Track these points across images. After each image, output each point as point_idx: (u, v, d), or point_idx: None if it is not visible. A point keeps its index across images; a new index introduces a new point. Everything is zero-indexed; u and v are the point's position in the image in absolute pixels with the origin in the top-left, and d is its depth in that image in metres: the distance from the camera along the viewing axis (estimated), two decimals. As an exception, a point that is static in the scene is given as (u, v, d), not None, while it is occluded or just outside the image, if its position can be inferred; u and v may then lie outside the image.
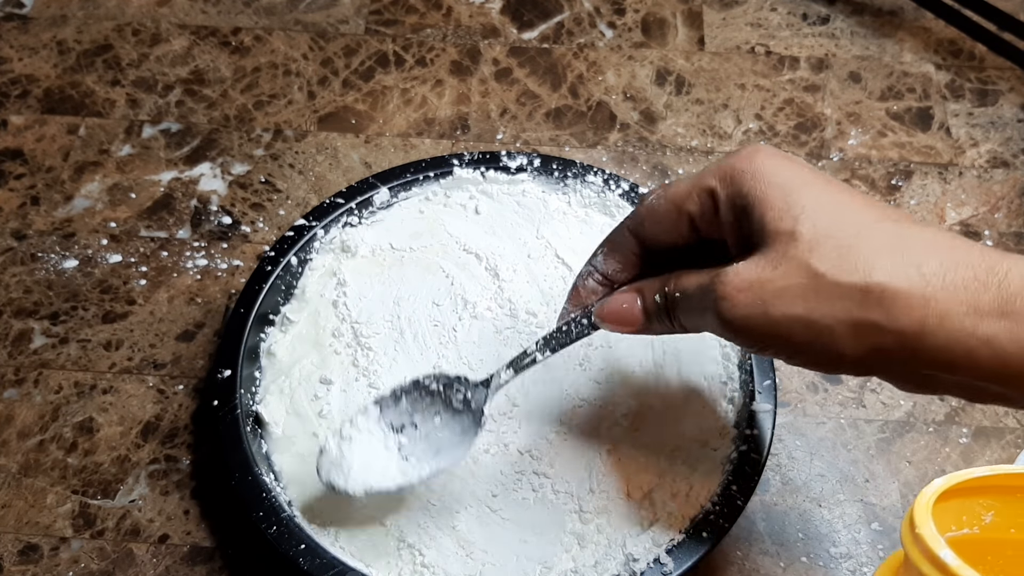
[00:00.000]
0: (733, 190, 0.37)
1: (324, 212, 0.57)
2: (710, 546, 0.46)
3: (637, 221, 0.41)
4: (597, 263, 0.42)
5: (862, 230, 0.34)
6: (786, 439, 0.53)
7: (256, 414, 0.51)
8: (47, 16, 0.72)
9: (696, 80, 0.69)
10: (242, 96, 0.68)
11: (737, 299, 0.35)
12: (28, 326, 0.57)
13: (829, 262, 0.34)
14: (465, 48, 0.71)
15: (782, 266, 0.35)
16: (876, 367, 0.35)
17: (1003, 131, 0.67)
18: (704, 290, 0.37)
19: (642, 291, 0.41)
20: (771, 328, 0.35)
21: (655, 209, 0.40)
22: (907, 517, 0.33)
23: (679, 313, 0.39)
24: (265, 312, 0.54)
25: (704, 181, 0.38)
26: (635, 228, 0.41)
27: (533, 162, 0.59)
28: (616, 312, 0.41)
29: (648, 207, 0.40)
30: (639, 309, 0.40)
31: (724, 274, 0.36)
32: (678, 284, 0.39)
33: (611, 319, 0.41)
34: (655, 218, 0.40)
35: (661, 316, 0.40)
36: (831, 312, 0.34)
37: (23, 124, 0.66)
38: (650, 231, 0.40)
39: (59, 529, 0.50)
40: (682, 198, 0.38)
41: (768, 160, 0.37)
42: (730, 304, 0.35)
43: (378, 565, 0.46)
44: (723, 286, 0.36)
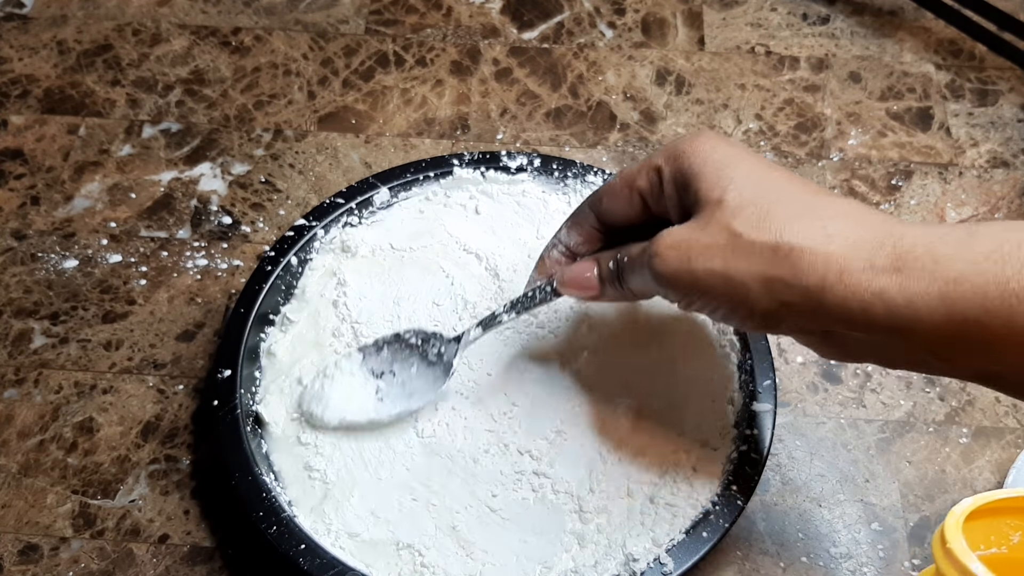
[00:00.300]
0: (675, 167, 0.41)
1: (324, 212, 0.57)
2: (710, 546, 0.46)
3: (596, 198, 0.45)
4: (561, 236, 0.47)
5: (781, 198, 0.38)
6: (786, 439, 0.53)
7: (256, 414, 0.51)
8: (47, 16, 0.72)
9: (696, 80, 0.69)
10: (242, 96, 0.68)
11: (667, 255, 0.39)
12: (28, 326, 0.57)
13: (748, 224, 0.38)
14: (465, 48, 0.71)
15: (708, 228, 0.39)
16: (785, 321, 0.38)
17: (1003, 131, 0.67)
18: (643, 252, 0.41)
19: (598, 260, 0.45)
20: (694, 282, 0.39)
21: (611, 187, 0.44)
22: (938, 533, 0.34)
23: (626, 276, 0.43)
24: (265, 312, 0.54)
25: (653, 161, 0.42)
26: (594, 205, 0.45)
27: (533, 162, 0.59)
28: (575, 279, 0.45)
29: (607, 186, 0.45)
30: (595, 276, 0.45)
31: (659, 236, 0.40)
32: (626, 251, 0.43)
33: (571, 284, 0.45)
34: (611, 195, 0.44)
35: (612, 282, 0.44)
36: (746, 268, 0.37)
37: (23, 124, 0.66)
38: (606, 207, 0.45)
39: (59, 529, 0.50)
40: (633, 176, 0.43)
41: (708, 142, 0.41)
42: (661, 260, 0.40)
43: (378, 565, 0.46)
44: (656, 244, 0.40)
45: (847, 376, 0.56)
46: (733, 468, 0.48)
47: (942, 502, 0.51)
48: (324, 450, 0.49)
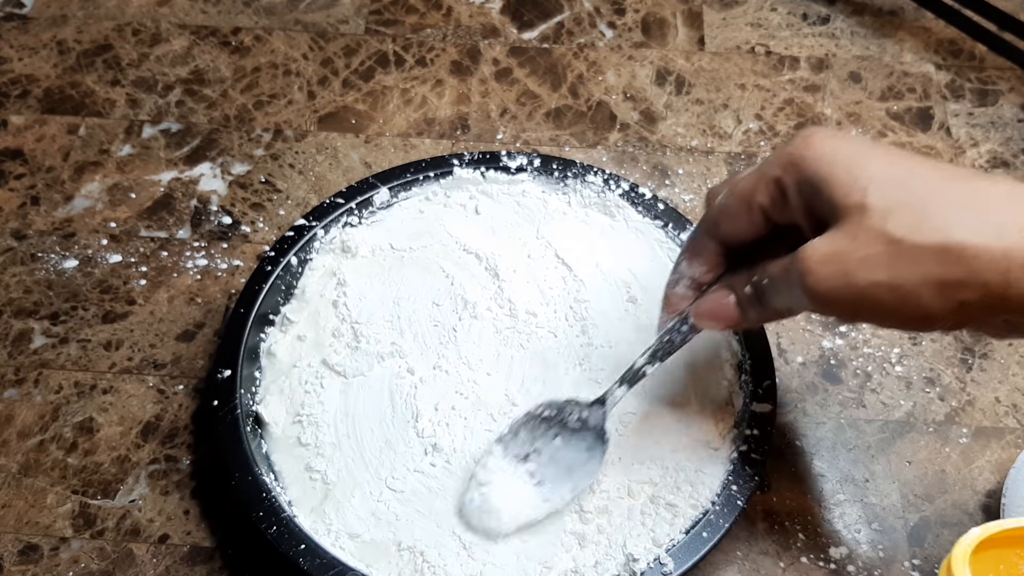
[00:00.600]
0: (798, 176, 0.38)
1: (324, 212, 0.57)
2: (710, 546, 0.46)
3: (711, 223, 0.42)
4: (683, 269, 0.44)
5: (933, 192, 0.36)
6: (786, 439, 0.53)
7: (256, 414, 0.51)
8: (47, 16, 0.72)
9: (696, 80, 0.69)
10: (242, 96, 0.68)
11: (821, 272, 0.37)
12: (28, 326, 0.57)
13: (905, 227, 0.35)
14: (465, 48, 0.71)
15: (860, 237, 0.36)
16: (964, 321, 0.37)
17: (1003, 131, 0.67)
18: (788, 270, 0.38)
19: (732, 286, 0.42)
20: (858, 296, 0.36)
21: (726, 208, 0.41)
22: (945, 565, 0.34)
23: (769, 298, 0.40)
24: (265, 312, 0.54)
25: (769, 172, 0.39)
26: (710, 230, 0.42)
27: (533, 162, 0.59)
28: (711, 310, 0.43)
29: (719, 208, 0.42)
30: (732, 303, 0.42)
31: (804, 251, 0.37)
32: (764, 272, 0.40)
33: (709, 316, 0.43)
34: (728, 217, 0.41)
35: (754, 305, 0.41)
36: (915, 275, 0.35)
37: (23, 124, 0.66)
38: (725, 230, 0.42)
39: (59, 529, 0.50)
40: (750, 192, 0.40)
41: (825, 141, 0.38)
42: (814, 278, 0.37)
43: (378, 565, 0.46)
44: (805, 261, 0.37)
45: (847, 376, 0.56)
46: (733, 468, 0.48)
47: (942, 502, 0.51)
48: (325, 451, 0.49)
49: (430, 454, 0.49)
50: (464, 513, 0.47)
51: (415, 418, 0.50)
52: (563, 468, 0.48)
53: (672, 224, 0.57)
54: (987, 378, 0.56)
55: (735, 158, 0.65)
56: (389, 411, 0.50)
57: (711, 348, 0.53)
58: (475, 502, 0.47)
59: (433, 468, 0.49)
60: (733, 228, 0.42)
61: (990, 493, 0.52)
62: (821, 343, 0.57)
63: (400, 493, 0.48)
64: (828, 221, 0.38)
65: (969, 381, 0.56)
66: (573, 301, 0.54)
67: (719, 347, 0.53)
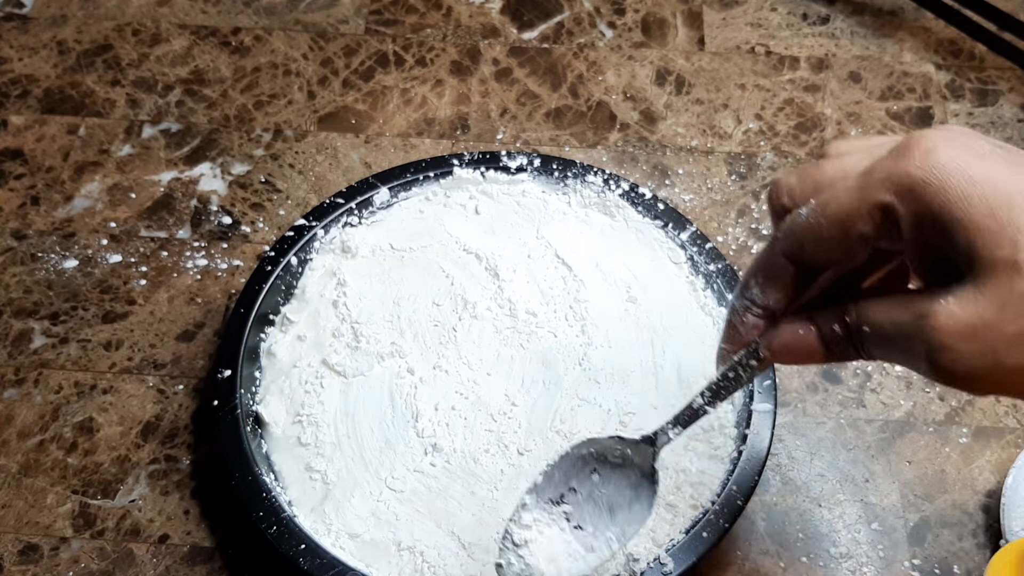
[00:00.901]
0: (919, 208, 0.30)
1: (324, 212, 0.57)
2: (710, 546, 0.46)
3: (795, 245, 0.35)
4: (754, 296, 0.37)
5: None
6: (786, 439, 0.53)
7: (256, 414, 0.51)
8: (47, 16, 0.72)
9: (696, 80, 0.69)
10: (242, 96, 0.68)
11: (961, 349, 0.30)
12: (28, 326, 0.57)
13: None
14: (465, 48, 0.71)
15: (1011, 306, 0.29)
16: None
17: (1003, 131, 0.67)
18: (908, 331, 0.32)
19: (815, 321, 0.35)
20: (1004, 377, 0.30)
21: (816, 231, 0.34)
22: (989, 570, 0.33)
23: (870, 348, 0.34)
24: (265, 312, 0.54)
25: (875, 196, 0.31)
26: (792, 252, 0.35)
27: (533, 162, 0.59)
28: (789, 346, 0.36)
29: (806, 228, 0.34)
30: (816, 341, 0.35)
31: (935, 316, 0.30)
32: (865, 316, 0.33)
33: (787, 353, 0.37)
34: (817, 241, 0.34)
35: (844, 347, 0.35)
36: None
37: (23, 124, 0.66)
38: (812, 254, 0.34)
39: (59, 529, 0.50)
40: (850, 218, 0.32)
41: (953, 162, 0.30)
42: (952, 356, 0.30)
43: (378, 565, 0.46)
44: (939, 333, 0.30)
45: (847, 376, 0.56)
46: (733, 468, 0.48)
47: (942, 502, 0.51)
48: (325, 451, 0.49)
49: (430, 454, 0.49)
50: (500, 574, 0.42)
51: (415, 418, 0.50)
52: (603, 508, 0.42)
53: (672, 224, 0.57)
54: (987, 378, 0.56)
55: (735, 158, 0.65)
56: (389, 411, 0.50)
57: (712, 348, 0.53)
58: (514, 567, 0.41)
59: (433, 468, 0.49)
60: (824, 255, 0.34)
61: (990, 493, 0.52)
62: (821, 343, 0.57)
63: (400, 493, 0.48)
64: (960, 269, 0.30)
65: (969, 381, 0.56)
66: (573, 301, 0.54)
67: (720, 347, 0.53)
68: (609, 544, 0.42)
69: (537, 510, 0.43)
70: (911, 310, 0.31)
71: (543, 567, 0.41)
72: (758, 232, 0.61)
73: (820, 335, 0.35)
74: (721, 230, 0.61)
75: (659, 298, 0.55)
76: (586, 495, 0.43)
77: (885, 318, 0.32)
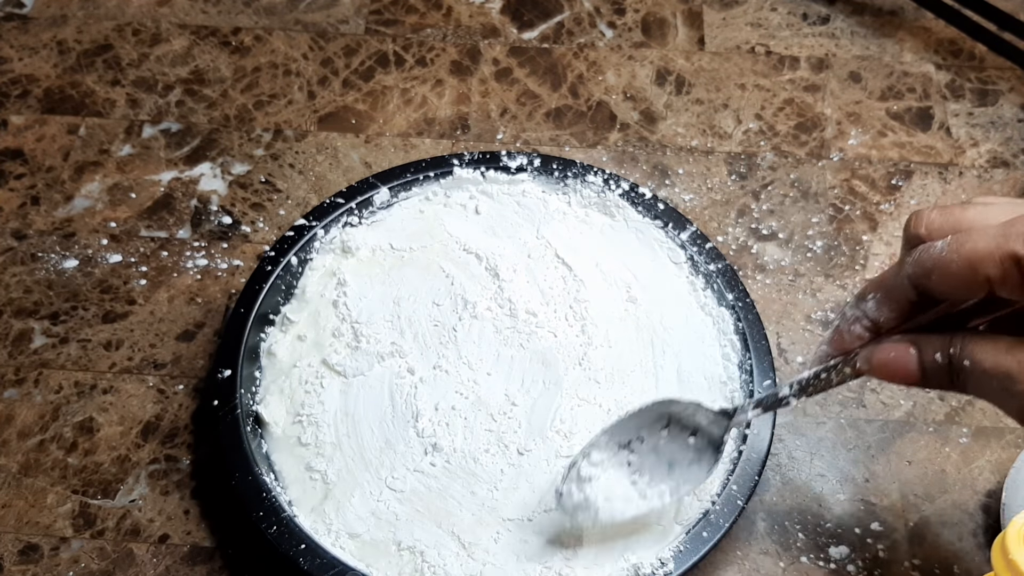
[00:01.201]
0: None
1: (324, 212, 0.57)
2: (710, 546, 0.46)
3: (922, 273, 0.36)
4: (868, 309, 0.39)
5: None
6: (786, 439, 0.53)
7: (256, 414, 0.51)
8: (47, 16, 0.72)
9: (696, 80, 0.69)
10: (242, 96, 0.68)
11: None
12: (28, 326, 0.57)
13: None
14: (465, 48, 0.71)
15: None
16: None
17: (1003, 131, 0.67)
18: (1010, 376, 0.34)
19: (919, 345, 0.37)
20: None
21: (946, 265, 0.35)
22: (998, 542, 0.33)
23: (966, 384, 0.36)
24: (265, 312, 0.54)
25: (1010, 245, 0.33)
26: (918, 280, 0.37)
27: (533, 162, 0.59)
28: (888, 363, 0.38)
29: (938, 260, 0.35)
30: (915, 364, 0.37)
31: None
32: (969, 352, 0.36)
33: (884, 370, 0.38)
34: (945, 275, 0.35)
35: (941, 378, 0.37)
36: None
37: (23, 124, 0.66)
38: (936, 285, 0.36)
39: (59, 529, 0.50)
40: (981, 260, 0.34)
41: None
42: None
43: (378, 565, 0.46)
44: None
45: (847, 376, 0.56)
46: (733, 468, 0.48)
47: (942, 502, 0.51)
48: (325, 451, 0.49)
49: (430, 454, 0.49)
50: (562, 503, 0.45)
51: (415, 418, 0.50)
52: (664, 462, 0.46)
53: (672, 224, 0.57)
54: (987, 378, 0.56)
55: (735, 158, 0.65)
56: (389, 411, 0.50)
57: (712, 347, 0.53)
58: (574, 496, 0.45)
59: (433, 468, 0.49)
60: (947, 288, 0.36)
61: (990, 493, 0.52)
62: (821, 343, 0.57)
63: (400, 493, 0.48)
64: None
65: (969, 381, 0.56)
66: (573, 301, 0.54)
67: (720, 346, 0.53)
68: (661, 496, 0.45)
69: (606, 450, 0.46)
70: (1015, 357, 0.33)
71: (599, 503, 0.45)
72: (758, 232, 0.61)
73: (921, 359, 0.37)
74: (721, 230, 0.61)
75: (659, 298, 0.55)
76: (651, 447, 0.46)
77: (989, 358, 0.34)
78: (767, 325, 0.54)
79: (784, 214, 0.62)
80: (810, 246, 0.61)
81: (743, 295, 0.54)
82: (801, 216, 0.62)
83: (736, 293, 0.54)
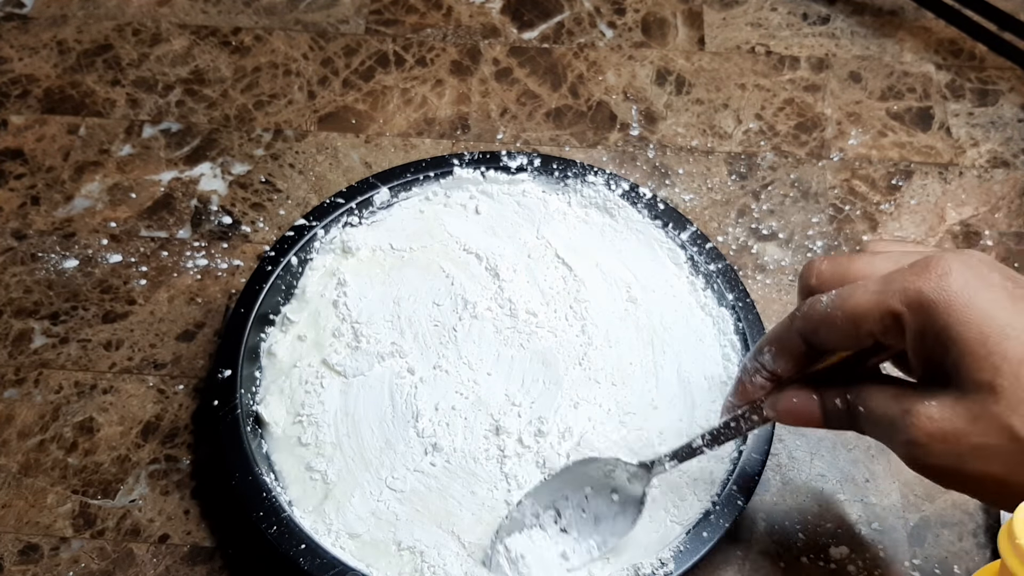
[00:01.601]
0: (924, 321, 0.35)
1: (324, 212, 0.57)
2: (710, 546, 0.46)
3: (809, 328, 0.39)
4: (765, 362, 0.42)
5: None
6: (786, 439, 0.53)
7: (256, 414, 0.51)
8: (47, 16, 0.72)
9: (696, 80, 0.69)
10: (242, 96, 0.68)
11: (932, 448, 0.35)
12: (28, 326, 0.57)
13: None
14: (465, 48, 0.71)
15: (981, 422, 0.34)
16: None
17: (1003, 131, 0.67)
18: (894, 422, 0.36)
19: (821, 395, 0.40)
20: (962, 479, 0.36)
21: (831, 320, 0.38)
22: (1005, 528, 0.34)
23: (863, 426, 0.39)
24: (265, 312, 0.54)
25: (888, 303, 0.36)
26: (806, 334, 0.39)
27: (533, 162, 0.59)
28: (792, 410, 0.41)
29: (823, 316, 0.38)
30: (818, 410, 0.40)
31: (917, 416, 0.35)
32: (862, 400, 0.38)
33: (787, 416, 0.41)
34: (830, 330, 0.38)
35: (842, 420, 0.40)
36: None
37: (23, 124, 0.66)
38: (823, 339, 0.39)
39: (59, 529, 0.50)
40: (863, 317, 0.37)
41: (963, 288, 0.34)
42: (924, 451, 0.35)
43: (378, 565, 0.46)
44: (917, 430, 0.35)
45: (847, 376, 0.56)
46: (733, 468, 0.48)
47: (942, 502, 0.51)
48: (325, 450, 0.49)
49: (430, 454, 0.49)
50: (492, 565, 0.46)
51: (415, 418, 0.50)
52: (590, 517, 0.47)
53: (672, 224, 0.57)
54: (987, 378, 0.56)
55: (735, 158, 0.65)
56: (389, 411, 0.50)
57: (712, 347, 0.53)
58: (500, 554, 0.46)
59: (433, 468, 0.49)
60: (832, 341, 0.39)
61: (990, 493, 0.52)
62: (821, 343, 0.57)
63: (400, 493, 0.48)
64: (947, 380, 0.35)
65: (969, 381, 0.56)
66: (573, 301, 0.54)
67: (720, 346, 0.53)
68: (590, 551, 0.46)
69: (530, 511, 0.47)
70: (900, 404, 0.36)
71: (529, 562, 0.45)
72: (758, 232, 0.61)
73: (823, 406, 0.40)
74: (721, 230, 0.61)
75: (659, 298, 0.55)
76: (575, 504, 0.47)
77: (878, 406, 0.37)
78: (767, 325, 0.54)
79: (784, 214, 0.62)
80: (810, 246, 0.61)
81: (743, 295, 0.54)
82: (801, 216, 0.62)
83: (736, 293, 0.54)
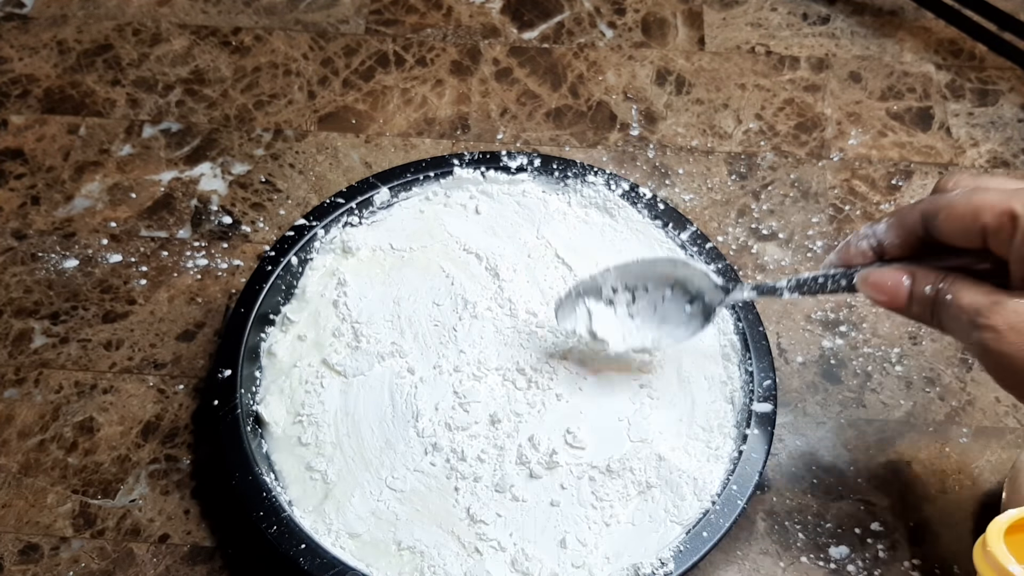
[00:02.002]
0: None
1: (324, 212, 0.57)
2: (710, 546, 0.46)
3: (933, 210, 0.39)
4: (878, 230, 0.42)
5: None
6: (786, 439, 0.53)
7: (256, 414, 0.51)
8: (47, 16, 0.72)
9: (696, 80, 0.69)
10: (242, 96, 0.68)
11: (1006, 336, 0.36)
12: (28, 326, 0.57)
13: None
14: (465, 48, 0.71)
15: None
16: None
17: (1003, 131, 0.67)
18: (979, 311, 0.37)
19: (914, 275, 0.40)
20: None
21: (953, 207, 0.38)
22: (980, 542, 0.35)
23: (943, 316, 0.39)
24: (265, 312, 0.54)
25: (1008, 202, 0.37)
26: (927, 215, 0.40)
27: (533, 162, 0.59)
28: (881, 285, 0.41)
29: (949, 201, 0.39)
30: (906, 291, 0.40)
31: (1002, 306, 0.36)
32: (955, 289, 0.38)
33: (876, 287, 0.41)
34: (951, 216, 0.39)
35: (924, 308, 0.40)
36: None
37: (23, 124, 0.66)
38: (942, 225, 0.39)
39: (59, 529, 0.50)
40: (983, 208, 0.37)
41: None
42: (997, 339, 0.36)
43: (378, 565, 0.46)
44: (997, 317, 0.36)
45: (847, 376, 0.56)
46: (733, 468, 0.48)
47: (942, 502, 0.51)
48: (325, 450, 0.49)
49: (430, 454, 0.49)
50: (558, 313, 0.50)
51: (415, 418, 0.50)
52: (657, 316, 0.50)
53: (672, 224, 0.57)
54: (987, 378, 0.55)
55: (735, 158, 0.65)
56: (389, 411, 0.50)
57: (712, 347, 0.53)
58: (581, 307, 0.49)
59: (433, 468, 0.49)
60: (948, 227, 0.39)
61: (990, 493, 0.52)
62: (821, 343, 0.57)
63: (400, 493, 0.48)
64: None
65: (969, 381, 0.56)
66: (573, 301, 0.54)
67: (720, 346, 0.53)
68: (644, 342, 0.50)
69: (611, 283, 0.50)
70: (989, 298, 0.37)
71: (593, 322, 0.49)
72: (758, 232, 0.61)
73: (912, 287, 0.40)
74: (721, 230, 0.61)
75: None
76: (652, 300, 0.50)
77: (967, 295, 0.38)
78: (767, 325, 0.54)
79: (784, 214, 0.62)
80: (810, 246, 0.61)
81: (743, 295, 0.54)
82: (801, 216, 0.62)
83: (736, 293, 0.54)
